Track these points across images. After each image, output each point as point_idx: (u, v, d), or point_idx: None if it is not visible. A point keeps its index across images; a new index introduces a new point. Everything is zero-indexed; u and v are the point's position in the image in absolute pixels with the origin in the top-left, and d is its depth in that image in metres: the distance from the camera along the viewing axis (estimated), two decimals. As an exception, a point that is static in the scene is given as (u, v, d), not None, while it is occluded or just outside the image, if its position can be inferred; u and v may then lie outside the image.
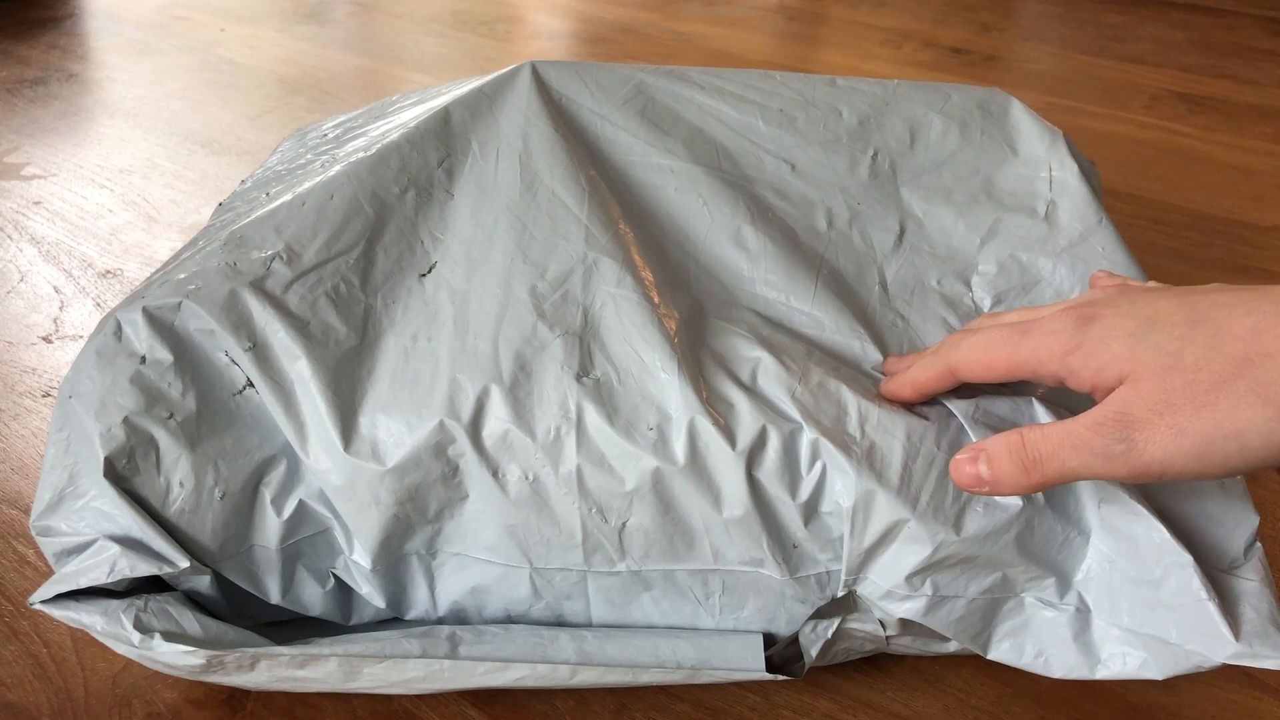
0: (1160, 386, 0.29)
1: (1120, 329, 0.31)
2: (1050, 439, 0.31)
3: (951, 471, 0.33)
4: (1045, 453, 0.31)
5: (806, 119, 0.51)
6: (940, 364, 0.35)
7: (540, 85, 0.50)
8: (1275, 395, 0.27)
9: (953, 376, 0.35)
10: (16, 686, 0.38)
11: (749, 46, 1.15)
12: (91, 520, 0.34)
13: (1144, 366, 0.29)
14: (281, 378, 0.36)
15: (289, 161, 0.50)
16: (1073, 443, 0.30)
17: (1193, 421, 0.28)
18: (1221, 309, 0.30)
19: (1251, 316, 0.29)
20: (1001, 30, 1.24)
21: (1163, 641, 0.33)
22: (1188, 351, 0.29)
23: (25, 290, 0.63)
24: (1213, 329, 0.29)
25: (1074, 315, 0.32)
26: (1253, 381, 0.28)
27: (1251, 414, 0.28)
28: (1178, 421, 0.28)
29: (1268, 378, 0.27)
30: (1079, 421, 0.30)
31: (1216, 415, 0.28)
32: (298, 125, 0.85)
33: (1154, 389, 0.29)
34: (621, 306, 0.38)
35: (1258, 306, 0.29)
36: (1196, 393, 0.28)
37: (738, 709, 0.39)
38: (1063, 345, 0.32)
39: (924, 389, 0.35)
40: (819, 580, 0.36)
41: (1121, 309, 0.31)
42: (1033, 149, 0.50)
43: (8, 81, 0.95)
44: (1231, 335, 0.29)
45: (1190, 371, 0.29)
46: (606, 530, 0.35)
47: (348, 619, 0.38)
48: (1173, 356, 0.29)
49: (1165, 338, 0.30)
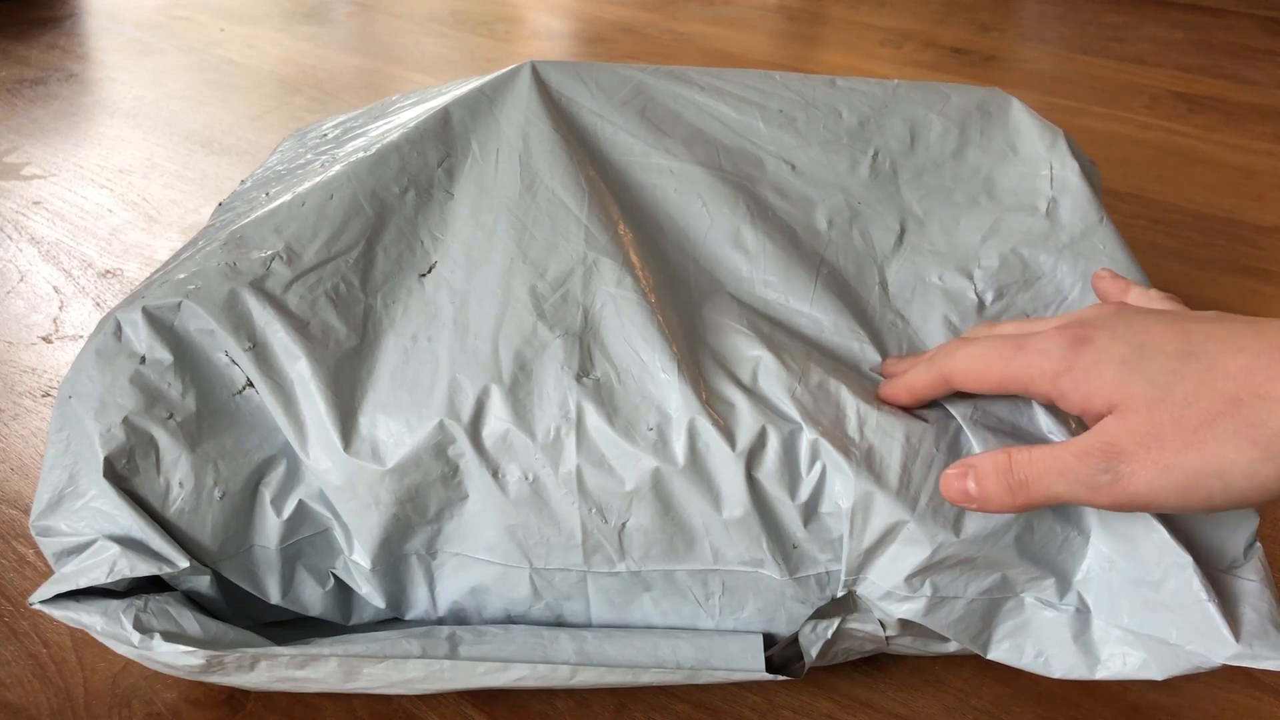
0: (1149, 420, 0.29)
1: (1113, 354, 0.31)
2: (1037, 463, 0.31)
3: (941, 485, 0.33)
4: (1031, 476, 0.31)
5: (806, 119, 0.51)
6: (935, 372, 0.35)
7: (540, 85, 0.50)
8: (1262, 437, 0.27)
9: (947, 385, 0.35)
10: (16, 686, 0.38)
11: (749, 46, 1.15)
12: (91, 520, 0.34)
13: (1133, 399, 0.29)
14: (281, 378, 0.36)
15: (289, 161, 0.50)
16: (1059, 469, 0.30)
17: (1178, 458, 0.28)
18: (1216, 343, 0.29)
19: (1245, 354, 0.29)
20: (1001, 30, 1.24)
21: (1163, 642, 0.33)
22: (1179, 385, 0.29)
23: (25, 290, 0.63)
24: (1206, 364, 0.29)
25: (1068, 336, 0.32)
26: (1242, 421, 0.28)
27: (1237, 455, 0.28)
28: (1163, 457, 0.28)
29: (1256, 418, 0.27)
30: (1067, 448, 0.30)
31: (1202, 453, 0.28)
32: (298, 125, 0.85)
33: (1142, 422, 0.29)
34: (621, 307, 0.38)
35: (1252, 344, 0.29)
36: (1184, 429, 0.28)
37: (738, 709, 0.39)
38: (1054, 365, 0.32)
39: (919, 395, 0.35)
40: (819, 580, 0.36)
41: (1117, 332, 0.31)
42: (1033, 148, 0.50)
43: (8, 81, 0.95)
44: (1224, 372, 0.29)
45: (1180, 406, 0.29)
46: (606, 530, 0.35)
47: (348, 619, 0.38)
48: (1164, 389, 0.29)
49: (1158, 369, 0.30)
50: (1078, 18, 1.29)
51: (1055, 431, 0.35)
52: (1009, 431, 0.35)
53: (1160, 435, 0.29)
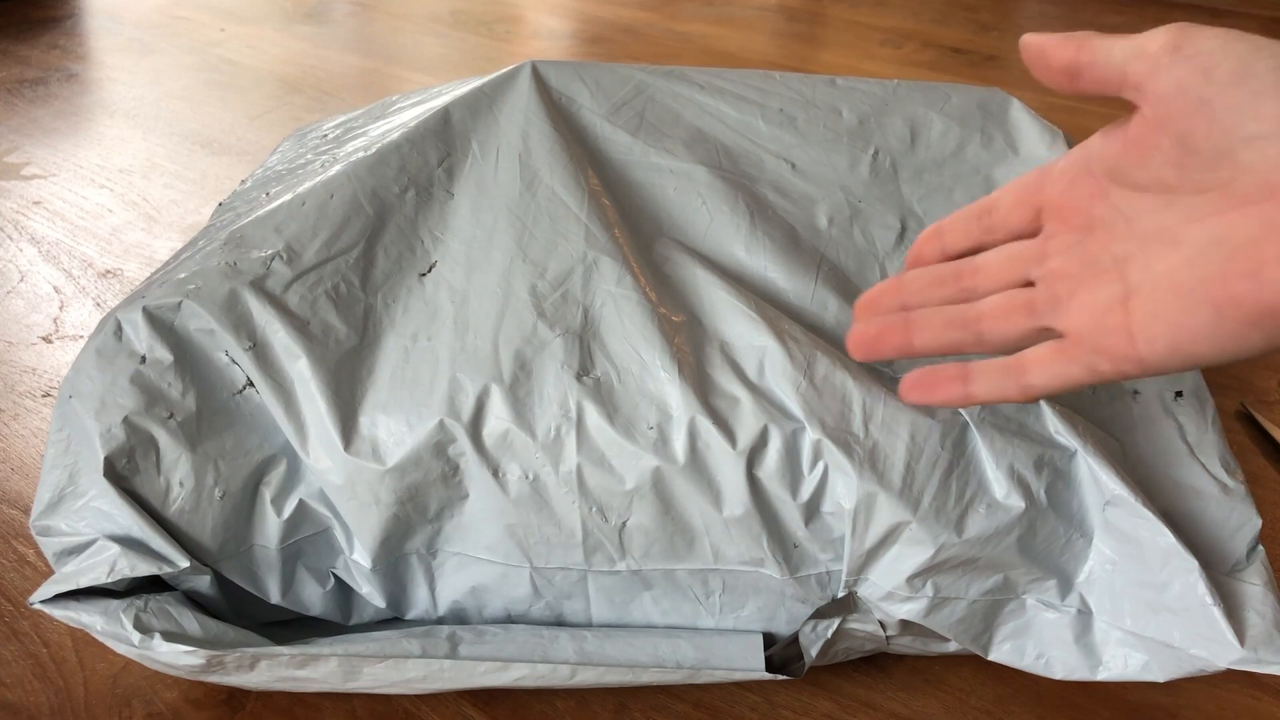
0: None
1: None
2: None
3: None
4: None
5: (806, 118, 0.51)
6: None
7: (540, 85, 0.49)
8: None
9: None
10: (16, 686, 0.38)
11: (749, 46, 1.15)
12: (91, 520, 0.34)
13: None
14: (281, 377, 0.36)
15: (289, 161, 0.50)
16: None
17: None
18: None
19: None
20: (1001, 30, 1.24)
21: (1165, 645, 0.33)
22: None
23: (25, 290, 0.63)
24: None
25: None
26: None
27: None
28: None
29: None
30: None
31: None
32: (298, 125, 0.85)
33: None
34: (621, 305, 0.38)
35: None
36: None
37: (738, 709, 0.39)
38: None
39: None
40: (819, 580, 0.36)
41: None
42: (1033, 148, 0.50)
43: (8, 81, 0.94)
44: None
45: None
46: (607, 529, 0.35)
47: (348, 619, 0.38)
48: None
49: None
50: (1078, 18, 1.28)
51: (1062, 432, 0.35)
52: (1016, 431, 0.35)
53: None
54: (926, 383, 0.33)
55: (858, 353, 0.34)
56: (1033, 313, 0.31)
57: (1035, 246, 0.31)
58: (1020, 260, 0.32)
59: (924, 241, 0.35)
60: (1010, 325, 0.31)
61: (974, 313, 0.32)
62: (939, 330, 0.33)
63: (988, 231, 0.33)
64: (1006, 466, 0.34)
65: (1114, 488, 0.34)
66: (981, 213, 0.34)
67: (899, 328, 0.33)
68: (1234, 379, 0.58)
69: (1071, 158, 0.31)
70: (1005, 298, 0.32)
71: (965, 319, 0.32)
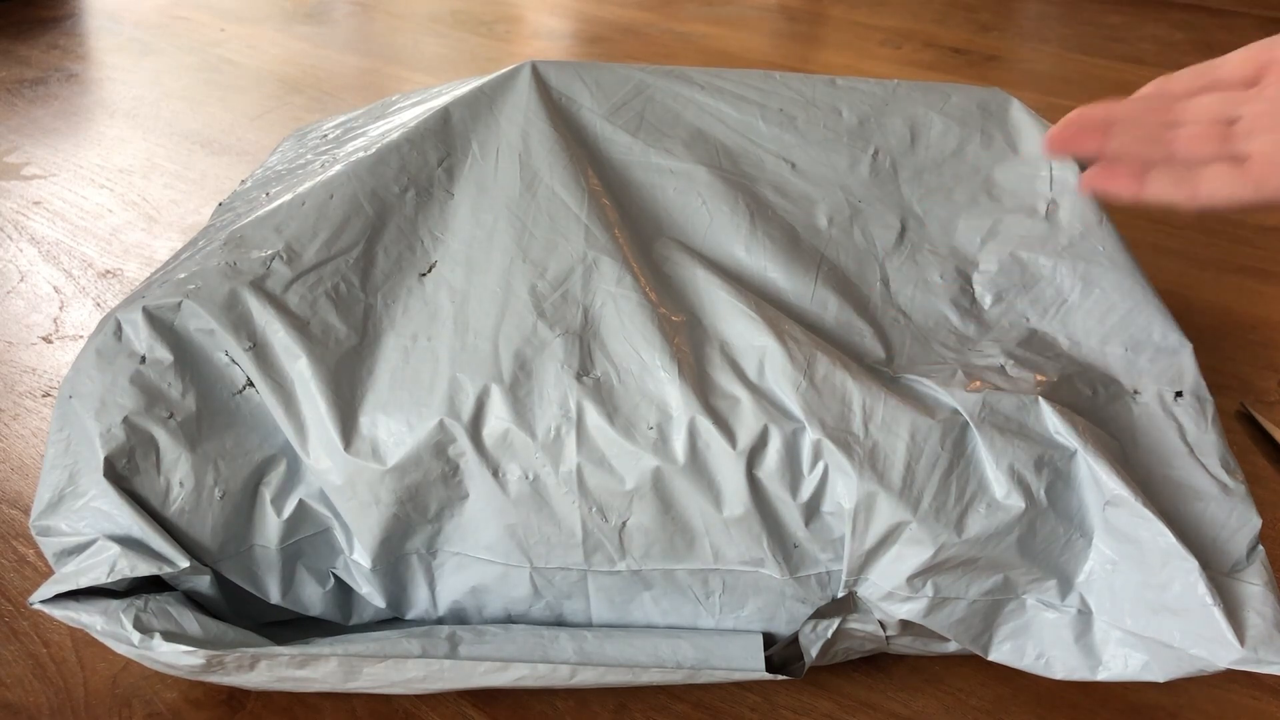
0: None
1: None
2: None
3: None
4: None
5: (806, 118, 0.51)
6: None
7: (540, 85, 0.50)
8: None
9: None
10: (16, 686, 0.38)
11: (749, 46, 1.15)
12: (91, 520, 0.34)
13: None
14: (281, 377, 0.36)
15: (289, 161, 0.50)
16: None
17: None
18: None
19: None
20: (1001, 30, 1.24)
21: (1165, 645, 0.33)
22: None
23: (25, 290, 0.63)
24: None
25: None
26: None
27: None
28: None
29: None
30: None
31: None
32: (298, 125, 0.85)
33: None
34: (621, 306, 0.38)
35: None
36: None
37: (738, 709, 0.39)
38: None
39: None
40: (819, 580, 0.36)
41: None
42: (1033, 148, 0.50)
43: (8, 81, 0.94)
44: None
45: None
46: (607, 529, 0.35)
47: (348, 619, 0.38)
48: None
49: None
50: (1078, 18, 1.29)
51: (1062, 432, 0.35)
52: (1016, 430, 0.35)
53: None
54: (1106, 172, 0.34)
55: (1052, 144, 0.36)
56: (1225, 141, 0.33)
57: (1248, 93, 0.34)
58: (1229, 101, 0.34)
59: (1149, 86, 0.37)
60: (1200, 148, 0.33)
61: (1170, 134, 0.34)
62: (1132, 139, 0.35)
63: (1213, 82, 0.35)
64: (1006, 466, 0.34)
65: (1114, 488, 0.34)
66: (1211, 67, 0.36)
67: (1098, 131, 0.35)
68: (1234, 379, 0.58)
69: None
70: (1203, 126, 0.34)
71: (1162, 137, 0.34)
